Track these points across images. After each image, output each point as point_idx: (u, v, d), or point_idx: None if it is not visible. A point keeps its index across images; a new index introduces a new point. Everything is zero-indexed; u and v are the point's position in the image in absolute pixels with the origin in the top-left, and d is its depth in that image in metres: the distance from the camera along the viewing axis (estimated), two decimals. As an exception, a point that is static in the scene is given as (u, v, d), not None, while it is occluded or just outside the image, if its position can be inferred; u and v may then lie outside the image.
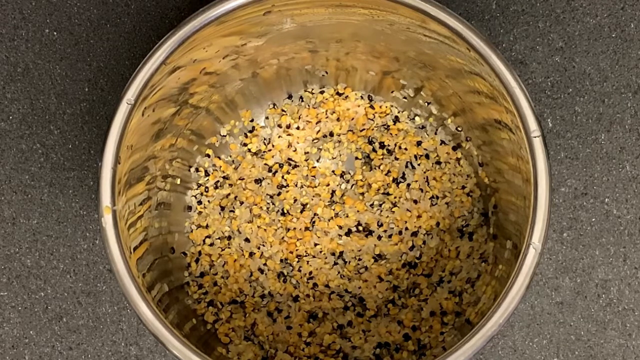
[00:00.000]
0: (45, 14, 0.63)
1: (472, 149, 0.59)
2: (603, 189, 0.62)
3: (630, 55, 0.62)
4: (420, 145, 0.60)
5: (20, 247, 0.62)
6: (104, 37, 0.63)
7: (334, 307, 0.59)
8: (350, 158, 0.61)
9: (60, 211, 0.62)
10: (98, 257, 0.62)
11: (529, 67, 0.62)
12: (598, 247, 0.61)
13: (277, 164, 0.61)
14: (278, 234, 0.60)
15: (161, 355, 0.61)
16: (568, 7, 0.62)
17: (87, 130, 0.63)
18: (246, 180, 0.60)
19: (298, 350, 0.58)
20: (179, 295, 0.57)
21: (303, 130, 0.61)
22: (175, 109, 0.56)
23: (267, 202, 0.60)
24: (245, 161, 0.61)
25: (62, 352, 0.61)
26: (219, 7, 0.50)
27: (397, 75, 0.59)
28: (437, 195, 0.59)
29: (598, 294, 0.61)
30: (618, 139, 0.62)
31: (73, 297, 0.62)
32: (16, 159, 0.63)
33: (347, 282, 0.59)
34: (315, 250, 0.60)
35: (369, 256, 0.59)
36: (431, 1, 0.49)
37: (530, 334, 0.61)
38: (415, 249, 0.59)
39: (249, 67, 0.58)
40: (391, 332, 0.58)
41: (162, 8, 0.63)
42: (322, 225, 0.60)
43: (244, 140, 0.61)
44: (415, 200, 0.59)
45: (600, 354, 0.61)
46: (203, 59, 0.54)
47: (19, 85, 0.63)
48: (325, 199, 0.60)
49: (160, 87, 0.52)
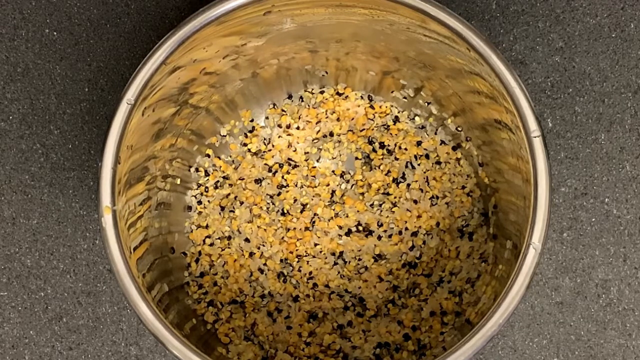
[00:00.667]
0: (45, 14, 0.63)
1: (472, 149, 0.59)
2: (603, 189, 0.62)
3: (630, 55, 0.62)
4: (420, 145, 0.60)
5: (20, 247, 0.62)
6: (104, 37, 0.63)
7: (334, 307, 0.59)
8: (350, 158, 0.61)
9: (60, 211, 0.62)
10: (98, 257, 0.62)
11: (529, 67, 0.62)
12: (598, 247, 0.61)
13: (277, 164, 0.61)
14: (278, 234, 0.60)
15: (161, 355, 0.61)
16: (568, 7, 0.62)
17: (87, 130, 0.63)
18: (246, 180, 0.60)
19: (298, 350, 0.58)
20: (179, 295, 0.57)
21: (303, 130, 0.61)
22: (175, 109, 0.56)
23: (267, 202, 0.60)
24: (245, 161, 0.61)
25: (62, 352, 0.61)
26: (219, 7, 0.50)
27: (397, 75, 0.59)
28: (437, 195, 0.59)
29: (598, 294, 0.61)
30: (618, 139, 0.62)
31: (73, 297, 0.62)
32: (16, 159, 0.63)
33: (347, 282, 0.59)
34: (315, 250, 0.60)
35: (369, 256, 0.59)
36: (431, 1, 0.49)
37: (530, 334, 0.61)
38: (415, 249, 0.59)
39: (249, 67, 0.58)
40: (391, 332, 0.58)
41: (162, 8, 0.63)
42: (322, 225, 0.60)
43: (244, 140, 0.61)
44: (415, 200, 0.59)
45: (600, 354, 0.61)
46: (203, 59, 0.54)
47: (19, 85, 0.63)
48: (325, 199, 0.60)
49: (160, 87, 0.52)
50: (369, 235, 0.60)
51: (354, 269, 0.59)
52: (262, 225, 0.60)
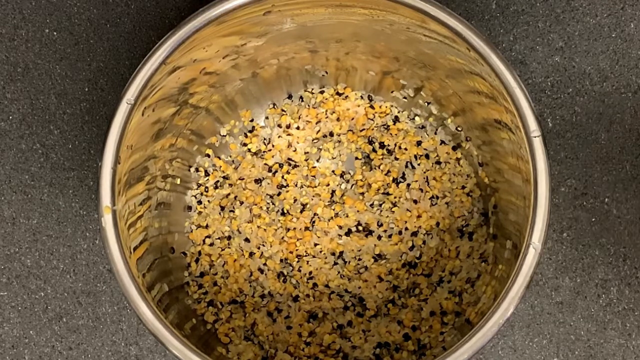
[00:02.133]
0: (45, 14, 0.63)
1: (472, 149, 0.59)
2: (603, 189, 0.61)
3: (630, 55, 0.62)
4: (420, 145, 0.60)
5: (20, 247, 0.62)
6: (104, 37, 0.63)
7: (334, 307, 0.59)
8: (350, 158, 0.61)
9: (60, 211, 0.62)
10: (98, 257, 0.62)
11: (529, 67, 0.62)
12: (598, 247, 0.61)
13: (277, 164, 0.61)
14: (278, 234, 0.60)
15: (161, 355, 0.61)
16: (568, 7, 0.62)
17: (87, 130, 0.63)
18: (246, 180, 0.60)
19: (298, 350, 0.58)
20: (179, 295, 0.57)
21: (303, 130, 0.61)
22: (175, 109, 0.56)
23: (267, 202, 0.60)
24: (245, 161, 0.61)
25: (62, 352, 0.61)
26: (219, 7, 0.50)
27: (397, 75, 0.59)
28: (437, 195, 0.59)
29: (598, 294, 0.61)
30: (618, 139, 0.62)
31: (73, 297, 0.62)
32: (16, 159, 0.63)
33: (347, 282, 0.59)
34: (315, 250, 0.60)
35: (369, 256, 0.59)
36: (431, 1, 0.49)
37: (530, 334, 0.61)
38: (415, 249, 0.59)
39: (249, 67, 0.58)
40: (391, 332, 0.58)
41: (162, 8, 0.63)
42: (322, 225, 0.60)
43: (244, 140, 0.61)
44: (415, 200, 0.59)
45: (600, 354, 0.61)
46: (203, 59, 0.54)
47: (18, 85, 0.63)
48: (325, 199, 0.60)
49: (160, 87, 0.52)
50: (368, 235, 0.60)
51: (354, 269, 0.59)
52: (262, 225, 0.60)
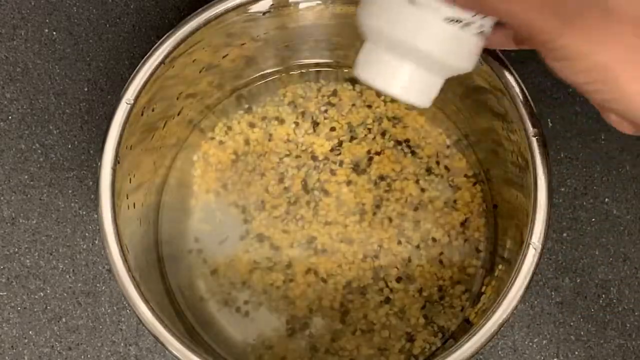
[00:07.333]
0: (44, 14, 0.63)
1: (472, 149, 0.59)
2: (603, 189, 0.61)
3: (630, 55, 0.62)
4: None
5: (19, 247, 0.62)
6: (104, 37, 0.63)
7: (334, 305, 0.59)
8: (358, 155, 0.61)
9: (59, 211, 0.62)
10: (97, 257, 0.62)
11: (528, 67, 0.62)
12: (598, 247, 0.61)
13: (282, 157, 0.61)
14: (283, 226, 0.60)
15: (161, 355, 0.61)
16: (568, 7, 0.62)
17: (87, 130, 0.63)
18: (250, 176, 0.60)
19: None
20: (178, 296, 0.57)
21: (306, 127, 0.61)
22: (175, 109, 0.56)
23: (273, 196, 0.60)
24: (249, 157, 0.61)
25: (61, 352, 0.61)
26: (219, 7, 0.50)
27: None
28: (437, 195, 0.59)
29: (598, 294, 0.61)
30: (618, 139, 0.62)
31: (72, 297, 0.62)
32: (15, 159, 0.62)
33: (348, 273, 0.60)
34: (327, 244, 0.59)
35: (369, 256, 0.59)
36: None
37: (530, 334, 0.61)
38: (414, 250, 0.59)
39: (249, 67, 0.58)
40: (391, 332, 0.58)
41: (161, 8, 0.63)
42: (332, 217, 0.59)
43: (246, 136, 0.61)
44: (415, 201, 0.59)
45: (600, 354, 0.61)
46: (203, 59, 0.54)
47: (18, 85, 0.63)
48: (334, 192, 0.60)
49: (160, 86, 0.52)
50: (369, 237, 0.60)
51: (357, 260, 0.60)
52: (265, 219, 0.60)
